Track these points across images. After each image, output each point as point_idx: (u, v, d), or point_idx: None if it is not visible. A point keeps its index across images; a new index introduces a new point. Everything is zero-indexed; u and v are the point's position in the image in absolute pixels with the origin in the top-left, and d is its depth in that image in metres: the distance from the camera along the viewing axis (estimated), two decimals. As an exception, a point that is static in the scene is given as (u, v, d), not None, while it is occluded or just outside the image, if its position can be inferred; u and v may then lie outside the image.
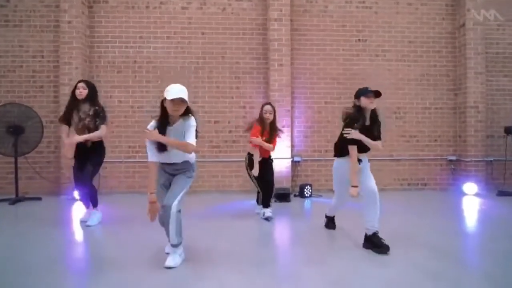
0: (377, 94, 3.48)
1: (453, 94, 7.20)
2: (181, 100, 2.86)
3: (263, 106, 4.90)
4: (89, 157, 4.36)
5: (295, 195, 6.46)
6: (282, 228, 4.62)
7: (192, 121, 2.99)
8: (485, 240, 3.90)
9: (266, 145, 4.74)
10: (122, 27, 6.75)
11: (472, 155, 6.89)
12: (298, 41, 6.94)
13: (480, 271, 2.96)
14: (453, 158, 7.11)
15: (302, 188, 6.39)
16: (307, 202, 6.07)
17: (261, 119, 4.80)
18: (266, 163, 4.90)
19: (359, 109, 3.55)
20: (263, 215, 4.74)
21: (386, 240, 3.35)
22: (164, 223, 2.97)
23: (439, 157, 7.16)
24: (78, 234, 4.13)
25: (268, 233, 4.29)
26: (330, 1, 7.01)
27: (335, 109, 6.94)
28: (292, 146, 6.84)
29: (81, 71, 6.43)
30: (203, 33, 6.86)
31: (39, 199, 6.09)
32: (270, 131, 4.81)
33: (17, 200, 5.90)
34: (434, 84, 7.18)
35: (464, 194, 6.61)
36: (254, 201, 5.32)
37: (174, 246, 3.02)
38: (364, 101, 3.50)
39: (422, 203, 5.89)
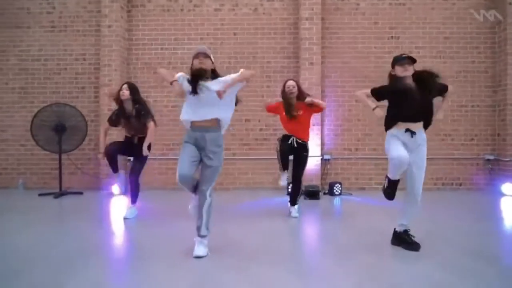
0: (411, 59, 3.28)
1: (491, 91, 6.94)
2: (205, 56, 3.14)
3: (285, 82, 4.79)
4: (136, 153, 4.63)
5: (324, 193, 6.49)
6: (310, 225, 4.67)
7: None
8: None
9: (314, 100, 4.56)
10: (158, 29, 7.03)
11: (512, 155, 6.62)
12: (329, 39, 6.94)
13: (499, 269, 2.90)
14: (491, 157, 6.86)
15: (331, 186, 6.40)
16: (336, 200, 6.08)
17: (284, 97, 4.69)
18: (300, 153, 4.70)
19: (393, 79, 3.36)
20: (290, 214, 4.73)
21: (417, 238, 3.34)
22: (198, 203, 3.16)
23: (475, 156, 6.93)
24: (116, 226, 4.38)
25: (296, 230, 4.36)
26: (362, -1, 6.97)
27: (366, 108, 6.83)
28: (322, 144, 6.85)
29: (120, 73, 6.77)
30: (235, 34, 7.02)
31: (81, 193, 6.48)
32: (302, 106, 4.59)
33: (61, 194, 6.31)
34: (471, 81, 6.95)
35: (502, 194, 6.36)
36: (284, 199, 5.35)
37: (203, 237, 3.17)
38: (398, 70, 3.31)
39: (456, 203, 5.74)
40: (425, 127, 3.39)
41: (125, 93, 4.54)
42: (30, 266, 2.88)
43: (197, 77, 3.12)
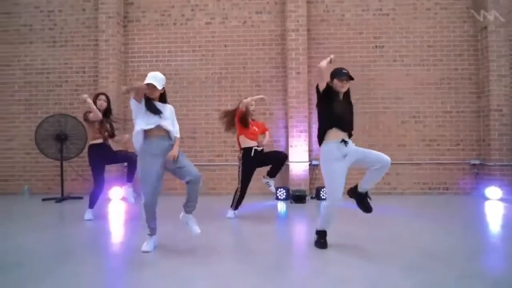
0: (350, 77, 3.39)
1: (476, 97, 7.12)
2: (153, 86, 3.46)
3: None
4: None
5: (311, 197, 6.74)
6: (297, 228, 4.88)
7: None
8: (502, 244, 3.88)
9: (256, 98, 5.04)
10: (153, 43, 7.42)
11: (497, 159, 6.77)
12: (316, 49, 7.22)
13: (481, 277, 2.98)
14: (477, 162, 7.02)
15: (318, 190, 6.65)
16: (322, 204, 6.29)
17: (246, 112, 5.00)
18: (260, 152, 5.07)
19: (329, 88, 3.43)
20: (269, 185, 5.15)
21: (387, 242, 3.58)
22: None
23: (461, 161, 7.09)
24: (110, 228, 4.72)
25: (283, 233, 4.62)
26: (347, 10, 7.23)
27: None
28: (310, 150, 7.11)
29: (117, 84, 7.16)
30: (225, 46, 7.35)
31: (81, 198, 6.86)
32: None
33: (62, 199, 6.70)
34: (455, 87, 7.14)
35: (487, 198, 6.51)
36: (272, 203, 5.62)
37: (190, 213, 3.65)
38: (336, 84, 3.43)
39: (442, 208, 5.88)
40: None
41: (103, 104, 5.09)
42: (27, 265, 3.22)
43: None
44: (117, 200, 6.70)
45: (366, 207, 3.61)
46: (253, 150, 5.00)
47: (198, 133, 7.35)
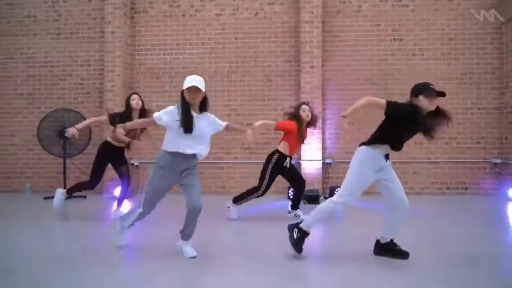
0: (441, 94, 2.90)
1: (499, 93, 6.77)
2: (197, 88, 3.04)
3: (301, 105, 4.75)
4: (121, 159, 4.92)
5: (325, 197, 6.43)
6: (311, 231, 4.61)
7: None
8: None
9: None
10: (160, 35, 7.12)
11: (520, 158, 6.44)
12: (330, 42, 6.90)
13: (504, 280, 2.82)
14: (498, 161, 6.68)
15: (332, 190, 6.35)
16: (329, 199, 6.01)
17: (299, 119, 4.64)
18: (291, 167, 4.85)
19: (415, 109, 2.92)
20: (297, 216, 4.78)
21: (410, 244, 3.28)
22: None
23: (482, 160, 6.76)
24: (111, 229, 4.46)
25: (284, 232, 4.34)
26: (364, 1, 6.90)
27: (368, 111, 6.80)
28: (324, 148, 6.81)
29: (123, 78, 6.89)
30: (236, 38, 7.05)
31: (84, 197, 6.60)
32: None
33: (65, 197, 6.44)
34: (477, 82, 6.80)
35: (509, 199, 6.19)
36: (284, 202, 5.35)
37: (189, 240, 3.31)
38: (423, 102, 2.92)
39: (461, 208, 5.61)
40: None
41: (139, 103, 4.73)
42: (25, 266, 2.96)
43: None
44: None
45: (400, 253, 3.21)
46: (287, 160, 4.73)
47: (207, 129, 7.06)
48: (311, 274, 2.97)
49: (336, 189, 6.32)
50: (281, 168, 4.71)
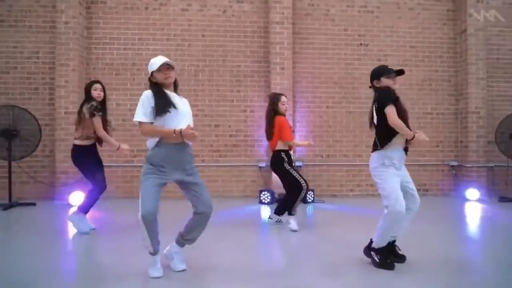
0: (400, 72, 3.03)
1: (454, 99, 7.17)
2: (169, 66, 2.82)
3: (278, 97, 4.52)
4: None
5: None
6: (284, 234, 4.44)
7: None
8: (484, 246, 3.88)
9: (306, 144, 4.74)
10: (121, 28, 6.60)
11: (474, 161, 6.84)
12: (299, 44, 6.85)
13: (475, 277, 2.91)
14: (455, 163, 7.07)
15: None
16: (309, 208, 5.96)
17: (281, 113, 4.45)
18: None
19: (386, 90, 2.99)
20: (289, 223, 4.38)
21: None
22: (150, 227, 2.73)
23: (440, 163, 7.11)
24: (72, 242, 3.95)
25: (268, 240, 4.15)
26: (332, 5, 6.95)
27: (337, 114, 6.89)
28: (293, 151, 6.71)
29: (78, 73, 6.27)
30: (203, 36, 6.74)
31: (34, 204, 5.88)
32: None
33: (10, 205, 5.70)
34: (435, 89, 7.14)
35: (466, 200, 6.55)
36: (255, 207, 5.16)
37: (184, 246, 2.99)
38: (386, 82, 3.01)
39: (423, 209, 5.78)
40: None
41: (101, 94, 4.29)
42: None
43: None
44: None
45: (398, 257, 3.18)
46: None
47: (171, 130, 6.66)
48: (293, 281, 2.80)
49: (308, 192, 6.25)
50: (291, 161, 4.48)
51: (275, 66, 6.57)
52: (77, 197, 5.82)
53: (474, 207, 6.03)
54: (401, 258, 3.18)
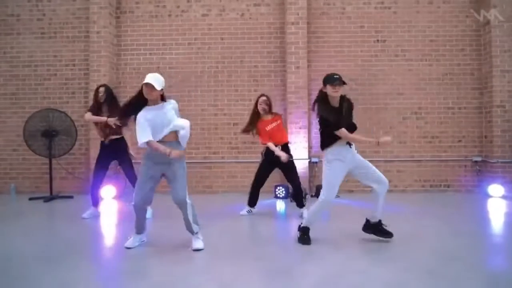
0: (342, 82, 3.39)
1: (478, 93, 6.98)
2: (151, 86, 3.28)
3: (258, 98, 4.95)
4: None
5: (312, 196, 6.53)
6: (293, 226, 4.69)
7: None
8: (501, 242, 3.81)
9: (278, 153, 4.74)
10: (147, 35, 7.12)
11: (499, 156, 6.64)
12: (315, 43, 7.00)
13: (485, 272, 2.93)
14: (479, 159, 6.89)
15: (318, 188, 6.44)
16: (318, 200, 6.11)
17: (256, 113, 4.90)
18: (287, 163, 4.85)
19: (324, 97, 3.47)
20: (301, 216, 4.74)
21: (398, 240, 3.58)
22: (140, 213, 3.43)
23: (463, 158, 6.95)
24: (103, 229, 4.45)
25: (275, 231, 4.42)
26: (348, 3, 7.03)
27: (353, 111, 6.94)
28: (310, 147, 6.91)
29: (109, 78, 6.86)
30: (222, 39, 7.09)
31: (71, 197, 6.55)
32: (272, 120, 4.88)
33: (51, 198, 6.39)
34: (457, 83, 6.99)
35: (489, 196, 6.38)
36: (271, 201, 5.53)
37: (196, 234, 3.47)
38: (329, 90, 3.40)
39: (444, 205, 5.76)
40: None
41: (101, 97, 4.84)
42: (11, 271, 2.94)
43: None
44: (110, 199, 6.42)
45: (385, 233, 3.68)
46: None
47: (193, 129, 7.00)
48: (296, 267, 3.04)
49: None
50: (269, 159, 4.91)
51: (291, 65, 6.78)
52: (108, 191, 6.42)
53: (497, 204, 5.87)
54: (388, 234, 3.59)
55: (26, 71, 7.16)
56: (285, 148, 4.91)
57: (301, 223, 3.75)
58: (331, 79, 3.37)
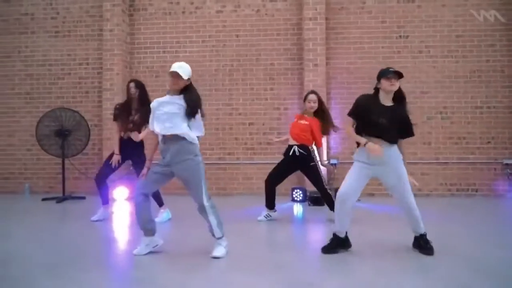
0: (400, 74, 3.13)
1: (508, 91, 6.55)
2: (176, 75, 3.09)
3: (306, 95, 4.72)
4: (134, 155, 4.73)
5: (330, 199, 6.23)
6: (312, 232, 4.44)
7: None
8: None
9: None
10: (160, 33, 6.97)
11: (532, 159, 6.21)
12: (334, 39, 6.71)
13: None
14: (510, 161, 6.45)
15: (337, 191, 6.14)
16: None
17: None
18: (307, 167, 4.65)
19: (376, 93, 3.27)
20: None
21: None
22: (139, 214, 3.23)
23: (493, 161, 6.53)
24: (103, 232, 4.29)
25: (294, 237, 4.17)
26: (368, -3, 6.72)
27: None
28: (329, 148, 6.62)
29: (122, 77, 6.74)
30: (237, 36, 6.88)
31: (83, 198, 6.44)
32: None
33: (63, 198, 6.30)
34: (486, 81, 6.58)
35: (521, 201, 5.98)
36: (288, 204, 5.33)
37: (219, 238, 3.23)
38: (384, 84, 3.15)
39: (472, 211, 5.39)
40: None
41: (133, 91, 4.63)
42: (21, 274, 2.79)
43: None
44: (122, 200, 6.29)
45: (423, 248, 3.32)
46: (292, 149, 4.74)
47: (207, 129, 6.80)
48: (320, 278, 2.77)
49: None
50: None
51: (308, 63, 6.51)
52: (121, 192, 6.28)
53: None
54: (427, 250, 3.26)
55: (40, 70, 7.11)
56: (303, 148, 4.63)
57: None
58: (385, 72, 3.14)
